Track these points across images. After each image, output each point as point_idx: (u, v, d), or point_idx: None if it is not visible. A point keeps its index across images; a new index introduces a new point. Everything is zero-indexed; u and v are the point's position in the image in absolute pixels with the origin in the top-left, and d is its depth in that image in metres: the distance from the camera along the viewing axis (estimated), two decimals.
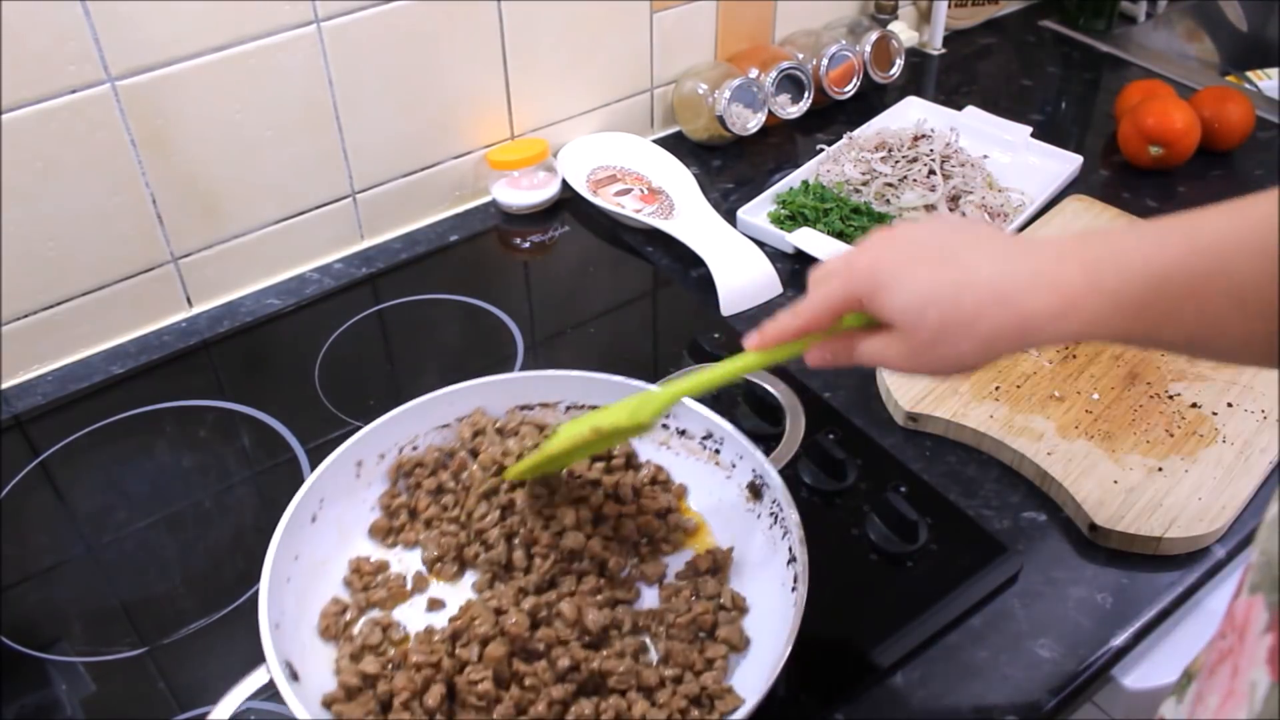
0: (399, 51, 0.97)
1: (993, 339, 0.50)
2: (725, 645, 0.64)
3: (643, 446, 0.76)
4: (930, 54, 1.37)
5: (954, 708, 0.65)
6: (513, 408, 0.76)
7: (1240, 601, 0.41)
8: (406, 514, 0.72)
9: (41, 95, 0.80)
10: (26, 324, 0.89)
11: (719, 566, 0.69)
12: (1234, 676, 0.39)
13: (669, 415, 0.74)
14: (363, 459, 0.72)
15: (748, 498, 0.71)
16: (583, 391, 0.76)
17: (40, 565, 0.76)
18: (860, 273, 0.53)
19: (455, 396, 0.75)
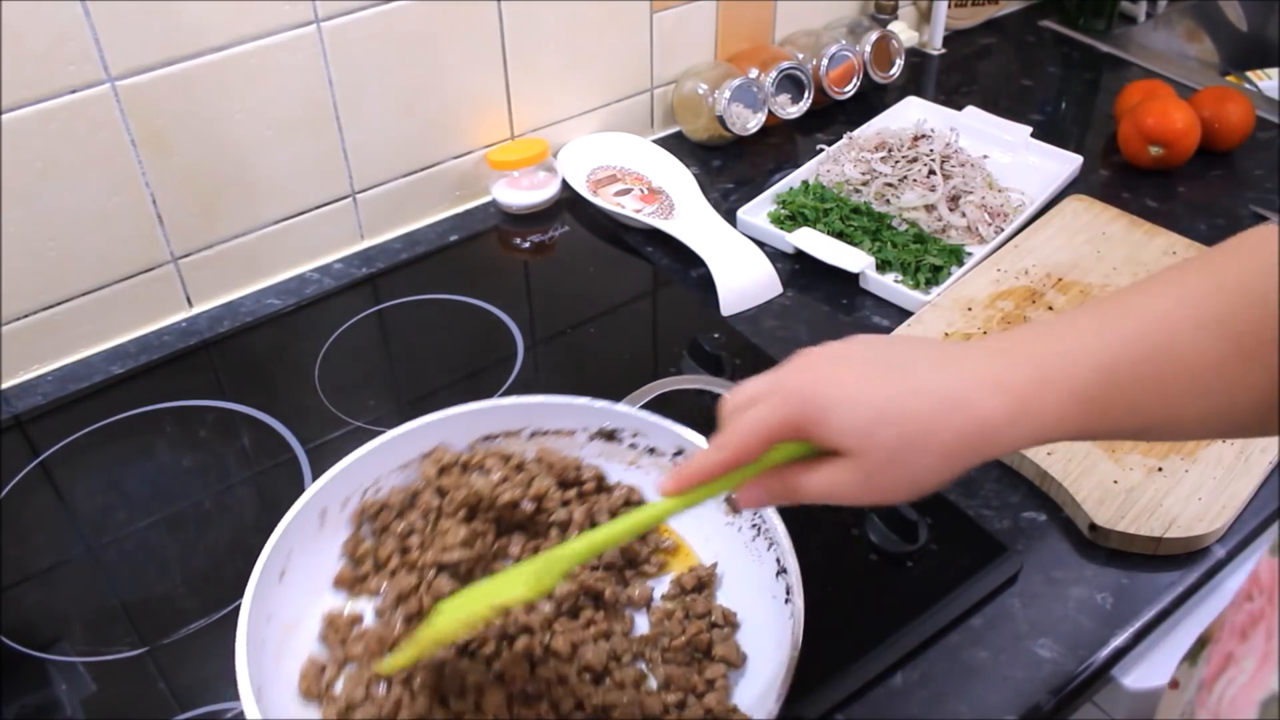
0: (399, 51, 0.97)
1: (952, 450, 0.46)
2: (723, 664, 0.63)
3: (612, 468, 0.74)
4: (930, 54, 1.37)
5: (954, 708, 0.65)
6: (475, 440, 0.73)
7: (1264, 563, 0.41)
8: (372, 562, 0.68)
9: (41, 95, 0.80)
10: (26, 324, 0.89)
11: (704, 584, 0.68)
12: (1269, 639, 0.39)
13: (636, 434, 0.73)
14: (326, 506, 0.68)
15: (725, 511, 0.70)
16: (545, 417, 0.73)
17: (40, 565, 0.76)
18: (794, 395, 0.48)
19: (415, 434, 0.71)
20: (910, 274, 0.96)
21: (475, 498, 0.68)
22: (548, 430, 0.74)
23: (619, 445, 0.74)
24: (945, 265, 0.97)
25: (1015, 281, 0.95)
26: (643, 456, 0.73)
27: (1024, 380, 0.45)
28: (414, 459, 0.71)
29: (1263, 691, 0.38)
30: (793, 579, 0.62)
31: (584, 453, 0.74)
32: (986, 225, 1.02)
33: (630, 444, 0.73)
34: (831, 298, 0.97)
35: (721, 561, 0.69)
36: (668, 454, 0.73)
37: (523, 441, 0.74)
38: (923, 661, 0.67)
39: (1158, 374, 0.44)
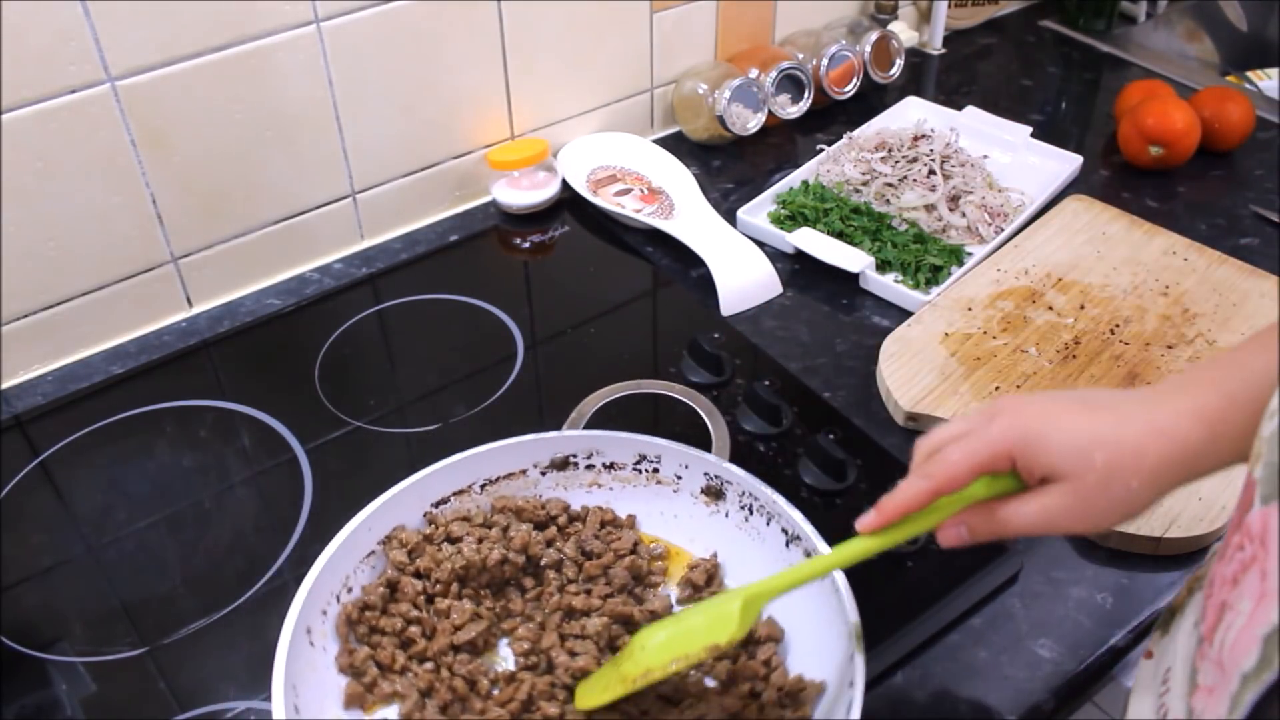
0: (399, 51, 0.97)
1: (1160, 472, 0.49)
2: (770, 641, 0.64)
3: (574, 495, 0.72)
4: (930, 54, 1.37)
5: (954, 708, 0.65)
6: (427, 509, 0.71)
7: (1254, 514, 0.42)
8: (375, 667, 0.64)
9: (41, 95, 0.80)
10: (26, 324, 0.89)
11: (712, 575, 0.68)
12: (1263, 580, 0.41)
13: (591, 454, 0.72)
14: (310, 625, 0.63)
15: (706, 502, 0.70)
16: (490, 465, 0.71)
17: (40, 565, 0.76)
18: (1006, 427, 0.51)
19: (370, 521, 0.67)
20: (910, 274, 0.96)
21: (464, 568, 0.66)
22: (498, 477, 0.72)
23: (575, 470, 0.72)
24: (945, 265, 0.97)
25: (1015, 281, 0.95)
26: (602, 474, 0.73)
27: (1214, 406, 0.49)
28: (375, 547, 0.68)
29: (1264, 627, 0.40)
30: (810, 542, 0.62)
31: (540, 489, 0.73)
32: (986, 225, 1.02)
33: (587, 465, 0.72)
34: (831, 298, 0.97)
35: (719, 551, 0.69)
36: (628, 465, 0.72)
37: (475, 496, 0.72)
38: (923, 661, 0.67)
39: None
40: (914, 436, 0.82)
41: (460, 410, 0.86)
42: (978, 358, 0.86)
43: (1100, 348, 0.87)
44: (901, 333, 0.89)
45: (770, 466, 0.79)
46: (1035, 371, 0.85)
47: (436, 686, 0.62)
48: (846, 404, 0.85)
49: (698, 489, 0.70)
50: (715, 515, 0.70)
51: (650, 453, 0.71)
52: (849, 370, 0.89)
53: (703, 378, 0.87)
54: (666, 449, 0.70)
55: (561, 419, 0.85)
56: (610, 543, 0.69)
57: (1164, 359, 0.86)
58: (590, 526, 0.70)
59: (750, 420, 0.82)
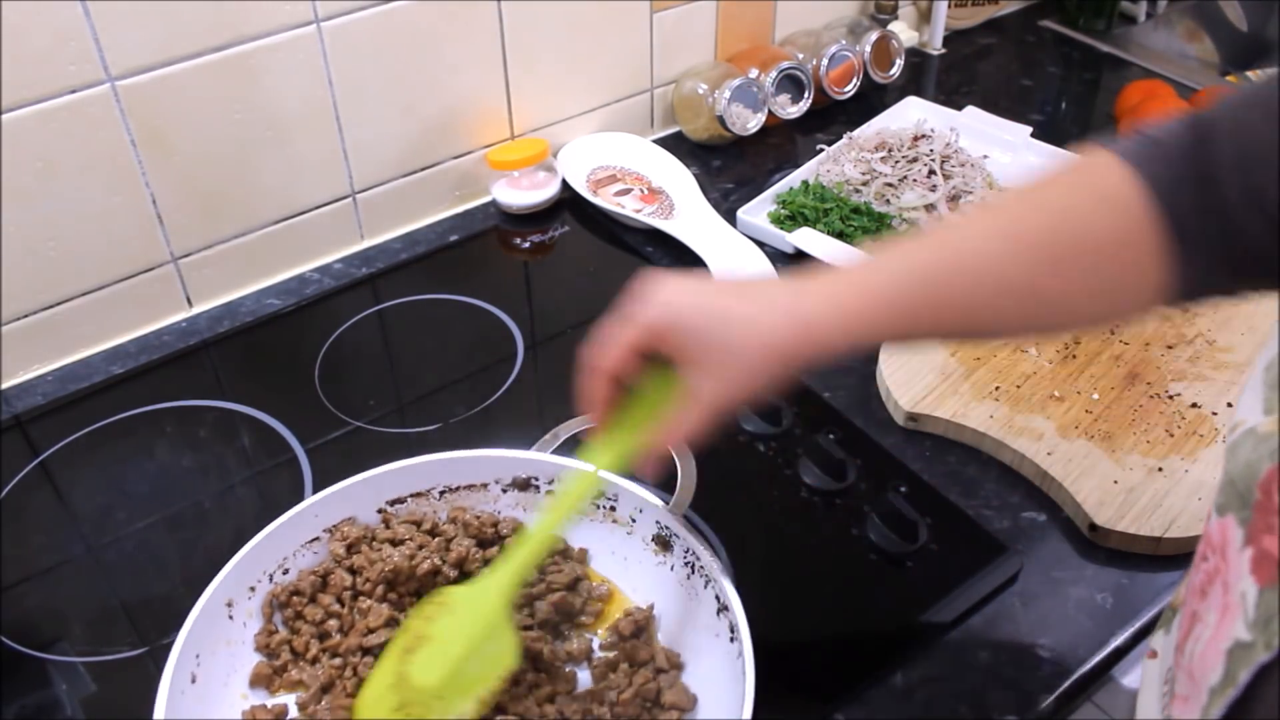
0: (399, 51, 0.97)
1: (779, 341, 0.54)
2: (675, 710, 0.61)
3: (532, 518, 0.70)
4: (930, 54, 1.37)
5: (954, 708, 0.65)
6: (382, 506, 0.70)
7: (1213, 524, 0.44)
8: (289, 652, 0.64)
9: (41, 95, 0.80)
10: (26, 324, 0.89)
11: (642, 627, 0.65)
12: (1226, 592, 0.41)
13: (553, 480, 0.70)
14: (232, 598, 0.63)
15: (655, 550, 0.68)
16: (454, 473, 0.70)
17: (40, 565, 0.76)
18: (658, 308, 0.56)
19: (318, 508, 0.67)
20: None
21: (393, 572, 0.65)
22: (459, 486, 0.71)
23: (535, 494, 0.71)
24: None
25: None
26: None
27: (845, 290, 0.55)
28: (321, 534, 0.68)
29: (1226, 641, 0.40)
30: (735, 616, 0.60)
31: (499, 505, 0.72)
32: None
33: (547, 490, 0.71)
34: None
35: (658, 602, 0.67)
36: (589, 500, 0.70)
37: (433, 501, 0.71)
38: (923, 661, 0.67)
39: (962, 283, 0.53)
40: (914, 436, 0.82)
41: (460, 410, 0.86)
42: (977, 358, 0.86)
43: (1100, 348, 0.87)
44: None
45: (770, 466, 0.79)
46: (1035, 371, 0.85)
47: (337, 684, 0.62)
48: (846, 404, 0.85)
49: (649, 535, 0.68)
50: (662, 566, 0.68)
51: (609, 490, 0.69)
52: (849, 370, 0.89)
53: None
54: (624, 490, 0.68)
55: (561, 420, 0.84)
56: (548, 573, 0.67)
57: (1164, 359, 0.86)
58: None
59: (750, 420, 0.82)
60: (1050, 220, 0.53)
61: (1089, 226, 0.52)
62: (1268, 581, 0.38)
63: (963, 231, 0.55)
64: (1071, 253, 0.53)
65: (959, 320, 0.55)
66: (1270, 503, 0.38)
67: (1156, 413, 0.81)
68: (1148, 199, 0.51)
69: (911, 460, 0.80)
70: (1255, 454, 0.40)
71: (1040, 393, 0.83)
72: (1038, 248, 0.53)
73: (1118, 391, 0.83)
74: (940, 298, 0.54)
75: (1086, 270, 0.53)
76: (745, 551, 0.73)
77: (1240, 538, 0.40)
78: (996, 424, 0.80)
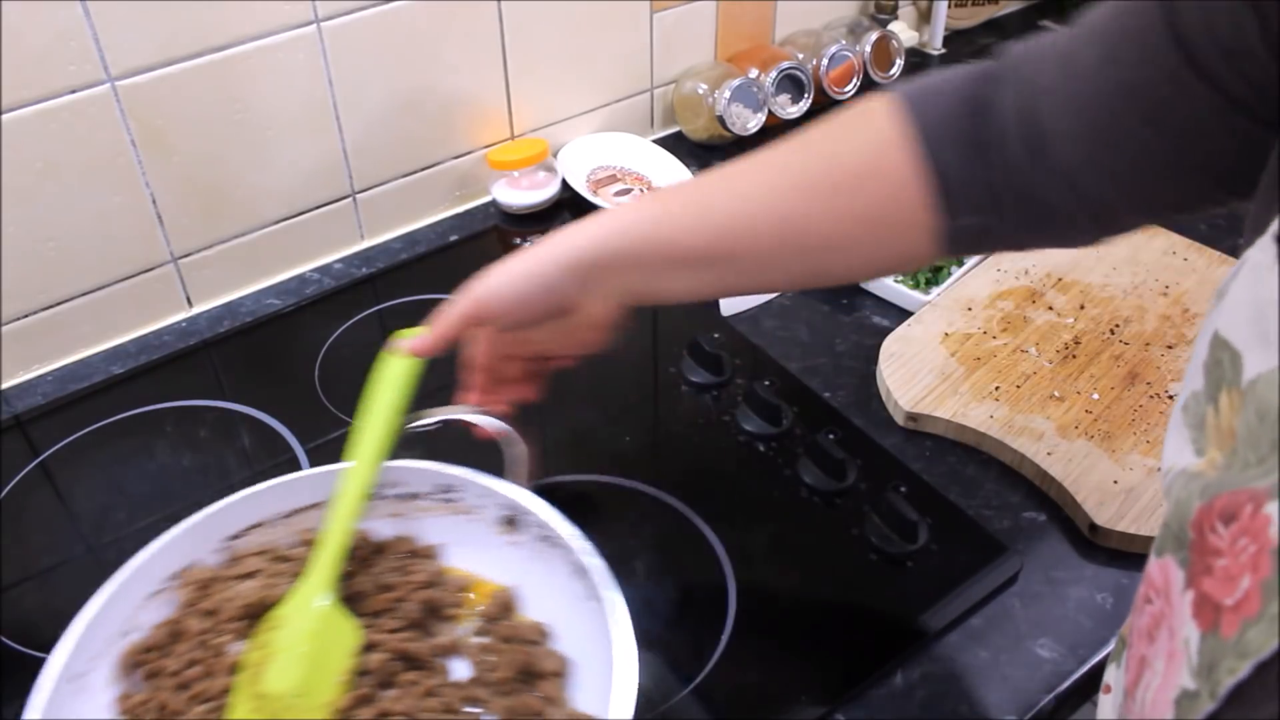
0: (399, 51, 0.97)
1: (548, 250, 0.62)
2: (553, 676, 0.62)
3: (379, 525, 0.69)
4: (930, 54, 1.37)
5: (954, 708, 0.65)
6: (223, 543, 0.67)
7: (1154, 565, 0.43)
8: (156, 710, 0.61)
9: (41, 95, 0.80)
10: (26, 324, 0.89)
11: (507, 607, 0.66)
12: (1171, 638, 0.41)
13: (393, 485, 0.68)
14: (81, 672, 0.59)
15: (504, 531, 0.68)
16: (291, 496, 0.68)
17: (40, 565, 0.76)
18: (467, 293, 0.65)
19: (157, 560, 0.64)
20: (910, 274, 0.96)
21: (249, 606, 0.63)
22: (300, 508, 0.68)
23: (379, 500, 0.69)
24: (945, 265, 0.97)
25: (1015, 281, 0.95)
26: (404, 504, 0.69)
27: (626, 209, 0.61)
28: (165, 586, 0.64)
29: (1174, 690, 0.39)
30: (596, 575, 0.61)
31: None
32: None
33: (394, 495, 0.69)
34: (831, 298, 0.97)
35: (518, 580, 0.67)
36: (429, 494, 0.69)
37: (276, 529, 0.68)
38: (923, 661, 0.67)
39: (737, 212, 0.57)
40: (914, 436, 0.82)
41: None
42: (978, 358, 0.86)
43: (1100, 348, 0.87)
44: (901, 333, 0.89)
45: (770, 466, 0.79)
46: (1035, 371, 0.85)
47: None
48: (846, 404, 0.85)
49: (496, 519, 0.68)
50: (514, 546, 0.68)
51: (451, 482, 0.68)
52: (849, 370, 0.89)
53: (703, 378, 0.87)
54: (466, 480, 0.68)
55: (561, 420, 0.85)
56: (409, 574, 0.66)
57: (1164, 359, 0.86)
58: (391, 559, 0.67)
59: (750, 420, 0.82)
60: (819, 163, 0.56)
61: (855, 169, 0.54)
62: (1208, 626, 0.37)
63: (741, 169, 0.58)
64: (839, 195, 0.55)
65: (732, 252, 0.58)
66: (1204, 543, 0.37)
67: (1156, 413, 0.81)
68: (916, 150, 0.53)
69: (911, 460, 0.80)
70: (1186, 492, 0.39)
71: (1040, 393, 0.83)
72: (805, 188, 0.55)
73: (1118, 391, 0.83)
74: (715, 223, 0.57)
75: (856, 214, 0.55)
76: (745, 551, 0.73)
77: (1181, 580, 0.39)
78: (996, 424, 0.80)
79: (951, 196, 0.53)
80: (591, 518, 0.76)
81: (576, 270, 0.61)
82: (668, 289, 0.61)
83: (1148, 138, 0.47)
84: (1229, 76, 0.43)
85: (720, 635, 0.68)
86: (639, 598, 0.71)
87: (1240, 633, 0.34)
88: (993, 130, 0.51)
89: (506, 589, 0.67)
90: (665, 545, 0.74)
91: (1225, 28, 0.42)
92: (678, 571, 0.72)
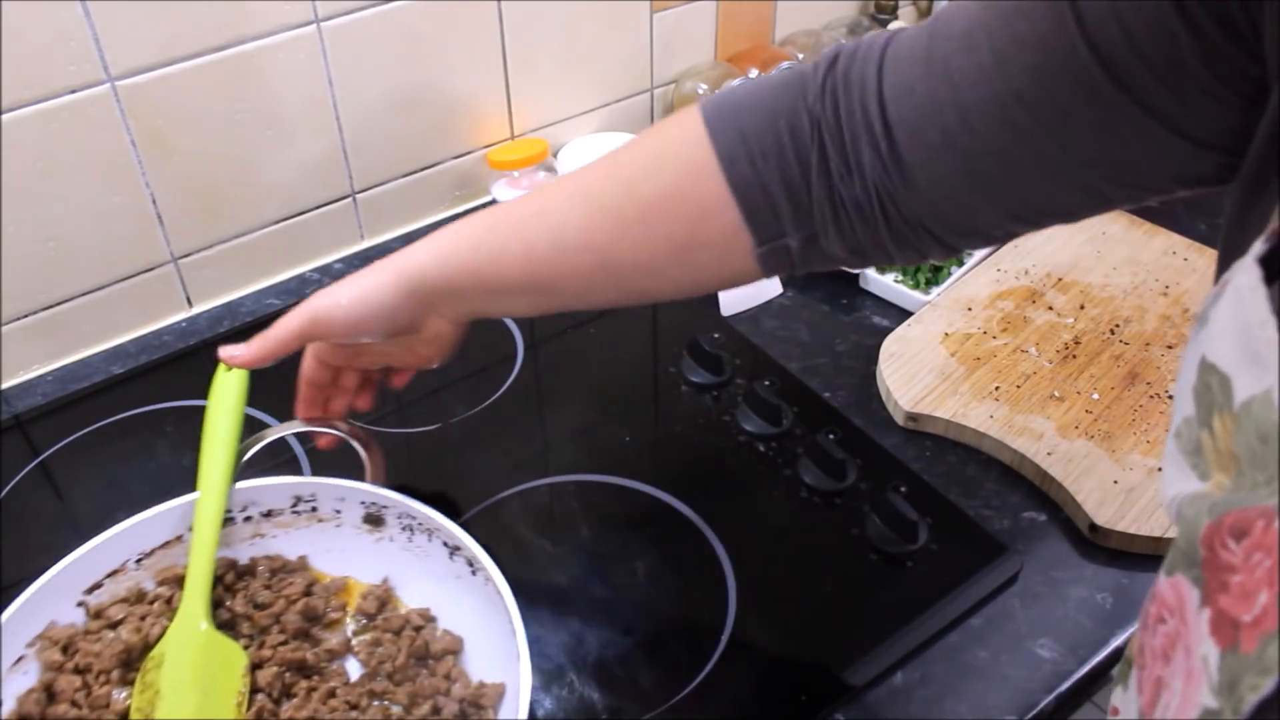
0: (399, 51, 0.97)
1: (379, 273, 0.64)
2: (447, 654, 0.63)
3: (238, 551, 0.69)
4: None
5: (954, 708, 0.65)
6: (80, 599, 0.65)
7: (1164, 584, 0.42)
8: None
9: (41, 95, 0.80)
10: (26, 324, 0.89)
11: (385, 599, 0.67)
12: (1188, 657, 0.40)
13: (245, 506, 0.68)
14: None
15: (369, 530, 0.69)
16: (138, 540, 0.66)
17: (40, 565, 0.75)
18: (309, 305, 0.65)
19: (10, 628, 0.61)
20: (910, 274, 0.96)
21: (125, 651, 0.62)
22: (152, 549, 0.67)
23: (234, 525, 0.68)
24: (945, 265, 0.97)
25: (1015, 281, 0.95)
26: (262, 524, 0.69)
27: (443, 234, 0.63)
28: (26, 652, 0.63)
29: (1195, 709, 0.38)
30: (471, 550, 0.63)
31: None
32: None
33: (244, 518, 0.69)
34: (831, 298, 0.97)
35: (390, 572, 0.68)
36: (285, 509, 0.69)
37: (132, 574, 0.66)
38: (923, 661, 0.67)
39: (545, 235, 0.58)
40: (914, 436, 0.82)
41: (460, 410, 0.86)
42: (978, 358, 0.86)
43: (1100, 347, 0.87)
44: (901, 333, 0.89)
45: (770, 466, 0.79)
46: (1035, 371, 0.85)
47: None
48: (846, 404, 0.85)
49: (359, 519, 0.69)
50: (381, 541, 0.69)
51: (304, 492, 0.69)
52: (849, 370, 0.89)
53: (703, 378, 0.87)
54: (320, 486, 0.68)
55: (561, 420, 0.85)
56: (282, 590, 0.66)
57: (1164, 359, 0.86)
58: (260, 577, 0.67)
59: (750, 420, 0.82)
60: (628, 193, 0.56)
61: (662, 198, 0.54)
62: (1228, 644, 0.36)
63: (558, 197, 0.59)
64: (649, 225, 0.55)
65: (554, 282, 0.59)
66: (1216, 559, 0.36)
67: (1156, 413, 0.81)
68: (720, 175, 0.52)
69: (911, 460, 0.80)
70: (1193, 509, 0.38)
71: (1040, 393, 0.83)
72: (616, 219, 0.55)
73: (1118, 391, 0.83)
74: (536, 256, 0.58)
75: (669, 242, 0.55)
76: (745, 551, 0.73)
77: (1196, 598, 0.39)
78: (996, 424, 0.80)
79: (762, 217, 0.52)
80: (592, 518, 0.77)
81: (413, 293, 0.62)
82: (505, 310, 0.64)
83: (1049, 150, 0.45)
84: (1155, 90, 0.41)
85: (720, 635, 0.68)
86: (639, 598, 0.71)
87: (1261, 648, 0.34)
88: (810, 145, 0.50)
89: (382, 584, 0.68)
90: (665, 545, 0.74)
91: (1148, 36, 0.40)
92: (678, 571, 0.72)
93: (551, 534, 0.75)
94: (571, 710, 0.64)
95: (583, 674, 0.66)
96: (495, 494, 0.78)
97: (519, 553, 0.74)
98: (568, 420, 0.85)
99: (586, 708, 0.64)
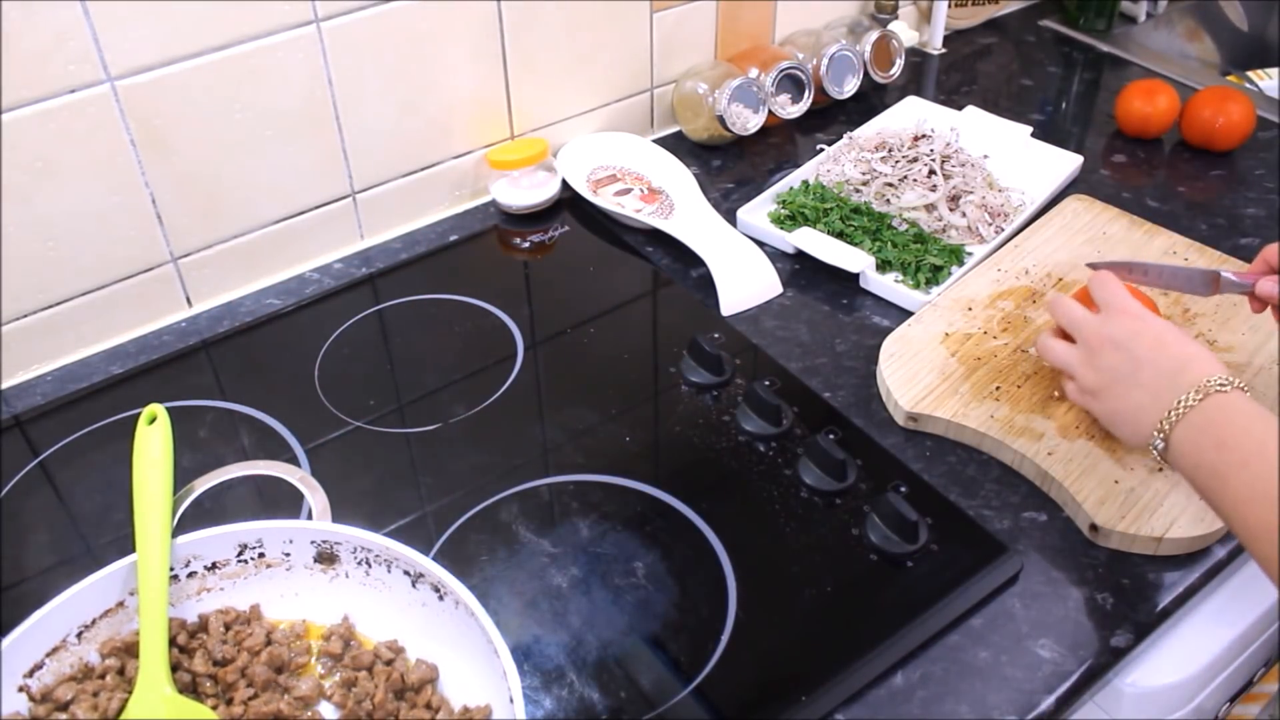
0: (399, 51, 0.97)
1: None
2: (426, 684, 0.62)
3: (186, 609, 0.66)
4: (930, 54, 1.37)
5: (954, 708, 0.65)
6: (21, 684, 0.61)
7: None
8: None
9: (41, 95, 0.80)
10: (26, 324, 0.89)
11: (347, 638, 0.65)
12: None
13: (188, 561, 0.66)
14: None
15: (323, 569, 0.67)
16: (79, 612, 0.63)
17: (40, 565, 0.75)
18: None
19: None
20: (910, 274, 0.96)
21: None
22: (92, 620, 0.64)
23: (178, 583, 0.66)
24: (945, 265, 0.97)
25: (1015, 281, 0.95)
26: (208, 578, 0.67)
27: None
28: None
29: None
30: (435, 577, 0.61)
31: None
32: (987, 225, 1.02)
33: (188, 574, 0.66)
34: (831, 298, 0.97)
35: (350, 610, 0.67)
36: (231, 558, 0.67)
37: (75, 649, 0.63)
38: (923, 661, 0.67)
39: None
40: (914, 436, 0.82)
41: (460, 410, 0.86)
42: (978, 358, 0.86)
43: None
44: (902, 333, 0.89)
45: (770, 466, 0.79)
46: (1035, 371, 0.85)
47: None
48: (846, 404, 0.85)
49: (310, 559, 0.67)
50: (336, 579, 0.67)
51: (249, 539, 0.66)
52: (849, 370, 0.89)
53: (703, 378, 0.87)
54: (265, 531, 0.66)
55: (561, 420, 0.85)
56: (241, 642, 0.65)
57: None
58: (214, 634, 0.65)
59: (750, 420, 0.82)
60: None
61: None
62: None
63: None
64: None
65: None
66: None
67: None
68: None
69: (911, 460, 0.80)
70: None
71: (1040, 393, 0.83)
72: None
73: None
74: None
75: None
76: (745, 551, 0.73)
77: None
78: (996, 424, 0.80)
79: None
80: (592, 518, 0.77)
81: None
82: None
83: None
84: None
85: (720, 635, 0.68)
86: (639, 598, 0.71)
87: None
88: None
89: (342, 622, 0.66)
90: (665, 545, 0.74)
91: None
92: (678, 571, 0.72)
93: (551, 534, 0.75)
94: (571, 710, 0.64)
95: (583, 674, 0.66)
96: (495, 494, 0.78)
97: (519, 553, 0.74)
98: (567, 420, 0.85)
99: (586, 708, 0.64)
